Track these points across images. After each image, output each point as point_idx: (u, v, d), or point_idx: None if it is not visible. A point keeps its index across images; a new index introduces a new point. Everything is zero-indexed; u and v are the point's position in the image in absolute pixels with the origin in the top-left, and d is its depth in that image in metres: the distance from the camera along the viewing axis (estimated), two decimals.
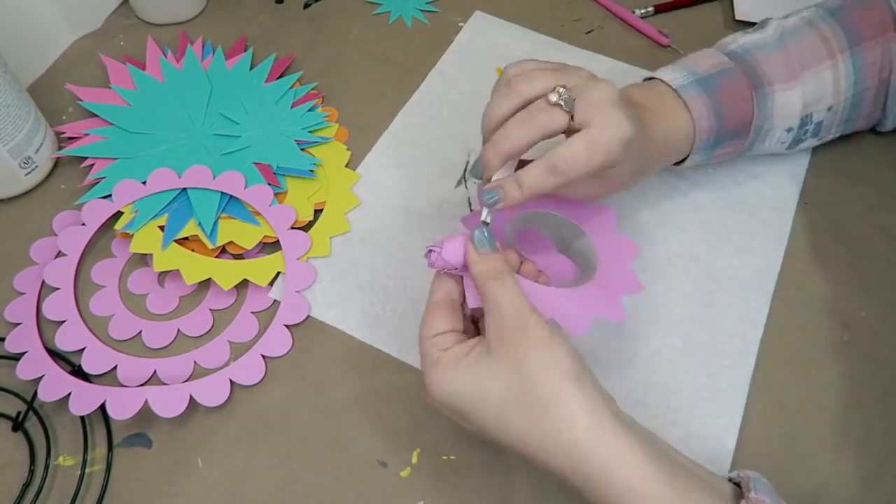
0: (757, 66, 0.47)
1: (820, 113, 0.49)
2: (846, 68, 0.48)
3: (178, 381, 0.44)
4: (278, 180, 0.53)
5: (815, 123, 0.50)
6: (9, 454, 0.43)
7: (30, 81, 0.59)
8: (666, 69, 0.48)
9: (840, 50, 0.48)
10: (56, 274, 0.48)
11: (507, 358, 0.34)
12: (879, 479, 0.42)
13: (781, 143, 0.50)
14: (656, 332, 0.47)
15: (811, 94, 0.48)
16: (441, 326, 0.37)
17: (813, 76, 0.48)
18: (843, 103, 0.49)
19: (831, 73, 0.48)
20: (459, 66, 0.60)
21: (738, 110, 0.47)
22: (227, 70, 0.59)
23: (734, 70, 0.47)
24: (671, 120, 0.46)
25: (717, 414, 0.44)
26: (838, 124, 0.51)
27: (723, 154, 0.49)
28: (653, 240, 0.51)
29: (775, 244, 0.51)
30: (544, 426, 0.33)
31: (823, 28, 0.48)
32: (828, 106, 0.49)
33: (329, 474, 0.42)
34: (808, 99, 0.48)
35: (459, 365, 0.35)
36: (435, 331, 0.37)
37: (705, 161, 0.49)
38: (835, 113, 0.50)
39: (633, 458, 0.32)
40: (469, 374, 0.35)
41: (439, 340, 0.37)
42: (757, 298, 0.49)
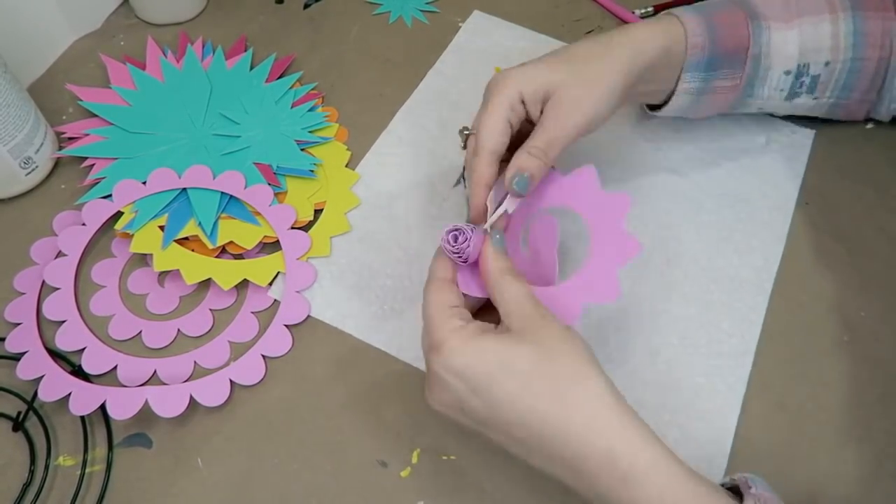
0: (753, 4, 0.48)
1: (817, 66, 0.49)
2: (846, 27, 0.48)
3: (178, 381, 0.44)
4: (278, 180, 0.53)
5: (811, 76, 0.49)
6: (9, 454, 0.43)
7: (30, 81, 0.59)
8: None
9: (842, 8, 0.48)
10: (56, 274, 0.48)
11: (530, 338, 0.34)
12: (879, 479, 0.42)
13: (780, 90, 0.49)
14: (654, 332, 0.47)
15: (808, 40, 0.48)
16: (455, 300, 0.37)
17: (811, 24, 0.48)
18: (841, 64, 0.49)
19: (830, 26, 0.48)
20: (459, 66, 0.60)
21: (732, 33, 0.47)
22: (227, 70, 0.59)
23: (729, 2, 0.48)
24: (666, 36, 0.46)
25: (713, 416, 0.44)
26: (834, 88, 0.50)
27: (720, 87, 0.48)
28: (652, 239, 0.51)
29: (774, 243, 0.51)
30: (570, 400, 0.33)
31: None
32: (825, 60, 0.49)
33: (329, 474, 0.42)
34: (804, 45, 0.48)
35: (485, 335, 0.34)
36: (452, 302, 0.37)
37: (700, 91, 0.48)
38: (832, 71, 0.49)
39: (654, 438, 0.33)
40: (496, 345, 0.34)
41: (459, 311, 0.36)
42: (755, 298, 0.49)
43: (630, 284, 0.49)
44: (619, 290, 0.38)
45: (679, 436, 0.44)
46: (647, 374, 0.46)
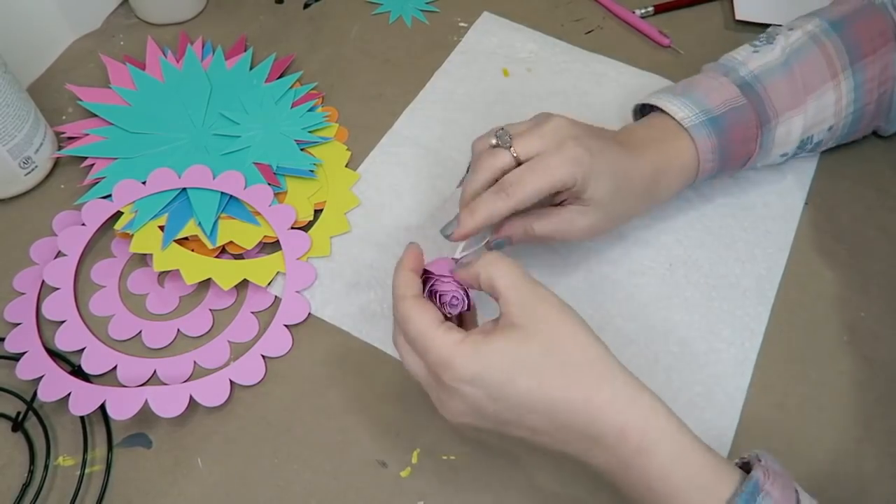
0: (766, 99, 0.47)
1: (821, 133, 0.50)
2: (847, 86, 0.48)
3: (178, 381, 0.44)
4: (278, 180, 0.53)
5: (814, 143, 0.51)
6: (9, 454, 0.43)
7: (30, 81, 0.59)
8: (673, 98, 0.47)
9: (842, 68, 0.48)
10: (56, 274, 0.48)
11: (536, 328, 0.34)
12: (879, 479, 0.42)
13: (774, 162, 0.51)
14: (654, 338, 0.47)
15: (813, 117, 0.48)
16: (440, 315, 0.37)
17: (815, 100, 0.48)
18: (843, 121, 0.50)
19: (833, 93, 0.48)
20: (466, 66, 0.61)
21: (742, 150, 0.48)
22: (227, 70, 0.59)
23: (745, 108, 0.47)
24: (672, 151, 0.46)
25: (710, 425, 0.44)
26: (836, 139, 0.52)
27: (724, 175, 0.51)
28: (654, 245, 0.51)
29: (778, 253, 0.51)
30: (582, 385, 0.34)
31: (827, 44, 0.48)
32: (829, 126, 0.50)
33: (329, 474, 0.42)
34: (809, 123, 0.48)
35: (491, 337, 0.34)
36: (438, 318, 0.36)
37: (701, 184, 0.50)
38: (835, 131, 0.50)
39: (662, 408, 0.34)
40: (504, 344, 0.34)
41: (449, 325, 0.36)
42: (756, 307, 0.48)
43: (631, 289, 0.49)
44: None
45: None
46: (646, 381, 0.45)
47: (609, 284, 0.49)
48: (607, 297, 0.49)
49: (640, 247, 0.51)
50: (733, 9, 0.64)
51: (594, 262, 0.50)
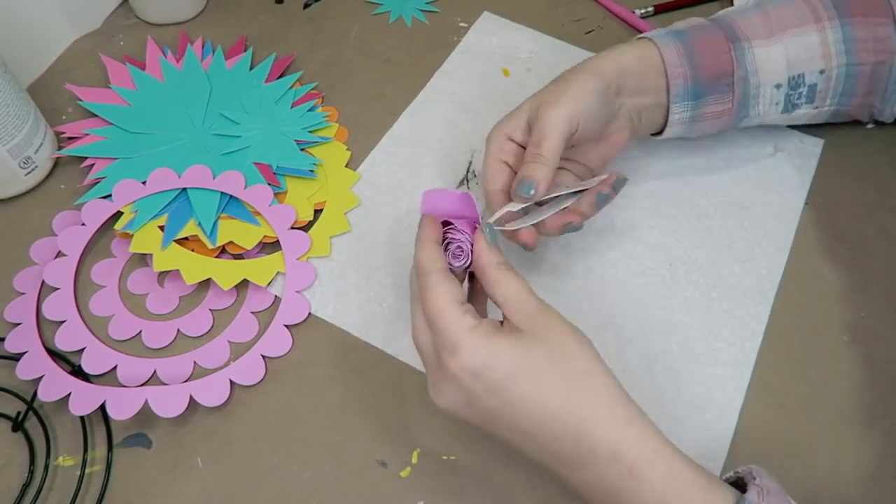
0: (734, 25, 0.48)
1: (812, 75, 0.49)
2: (834, 35, 0.48)
3: (178, 382, 0.44)
4: (278, 180, 0.53)
5: (808, 86, 0.49)
6: (9, 454, 0.43)
7: (30, 81, 0.59)
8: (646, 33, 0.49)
9: (828, 17, 0.48)
10: (56, 274, 0.48)
11: (541, 336, 0.34)
12: (879, 479, 0.42)
13: (776, 104, 0.50)
14: (654, 338, 0.47)
15: (795, 52, 0.48)
16: (461, 295, 0.36)
17: (796, 36, 0.48)
18: (836, 70, 0.49)
19: (817, 36, 0.48)
20: (466, 67, 0.60)
21: (713, 59, 0.47)
22: (227, 70, 0.59)
23: (711, 27, 0.48)
24: (635, 49, 0.47)
25: (710, 426, 0.44)
26: (834, 95, 0.50)
27: (711, 112, 0.49)
28: (654, 245, 0.51)
29: (778, 253, 0.51)
30: (581, 399, 0.33)
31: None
32: (819, 69, 0.49)
33: (329, 474, 0.42)
34: (792, 57, 0.48)
35: (499, 334, 0.34)
36: (459, 297, 0.35)
37: (691, 119, 0.49)
38: (829, 78, 0.49)
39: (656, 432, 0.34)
40: (513, 343, 0.34)
41: (469, 308, 0.35)
42: (756, 307, 0.48)
43: (631, 290, 0.49)
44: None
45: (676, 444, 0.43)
46: (646, 381, 0.46)
47: (609, 285, 0.49)
48: (607, 297, 0.49)
49: (640, 247, 0.51)
50: None
51: (594, 263, 0.50)
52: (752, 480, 0.33)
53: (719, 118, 0.49)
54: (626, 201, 0.52)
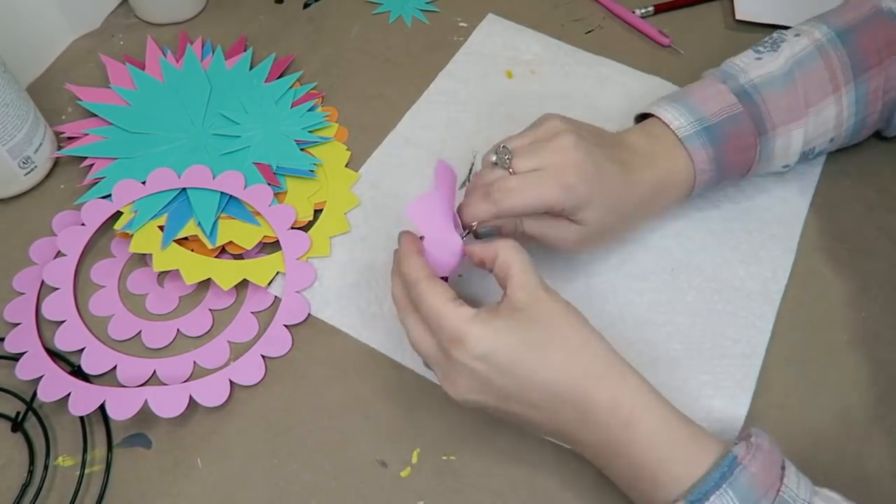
0: (763, 111, 0.46)
1: (822, 145, 0.50)
2: (849, 100, 0.48)
3: (177, 382, 0.44)
4: (278, 180, 0.53)
5: (816, 153, 0.50)
6: (8, 454, 0.43)
7: (29, 81, 0.59)
8: (669, 106, 0.47)
9: (845, 82, 0.48)
10: (55, 274, 0.48)
11: (537, 311, 0.37)
12: (879, 478, 0.42)
13: (783, 166, 0.50)
14: (658, 340, 0.47)
15: (813, 130, 0.48)
16: (452, 293, 0.38)
17: (815, 114, 0.48)
18: (844, 132, 0.50)
19: (834, 107, 0.48)
20: (470, 68, 0.60)
21: (740, 159, 0.47)
22: (227, 70, 0.59)
23: (741, 116, 0.46)
24: (669, 166, 0.45)
25: (718, 415, 0.44)
26: (837, 146, 0.52)
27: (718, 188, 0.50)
28: (656, 249, 0.51)
29: (783, 256, 0.50)
30: (580, 363, 0.37)
31: (832, 56, 0.47)
32: (830, 138, 0.49)
33: (329, 474, 0.42)
34: (809, 136, 0.48)
35: (498, 317, 0.36)
36: (451, 295, 0.37)
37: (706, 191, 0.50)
38: (836, 142, 0.50)
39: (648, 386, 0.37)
40: (512, 323, 0.36)
41: (462, 301, 0.37)
42: (762, 307, 0.48)
43: (633, 294, 0.49)
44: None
45: None
46: (650, 376, 0.45)
47: (611, 289, 0.49)
48: (609, 301, 0.49)
49: (642, 251, 0.51)
50: (733, 9, 0.64)
51: (596, 267, 0.50)
52: (747, 438, 0.36)
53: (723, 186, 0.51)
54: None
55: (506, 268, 0.38)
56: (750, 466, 0.34)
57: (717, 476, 0.34)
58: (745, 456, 0.34)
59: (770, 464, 0.35)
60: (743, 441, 0.36)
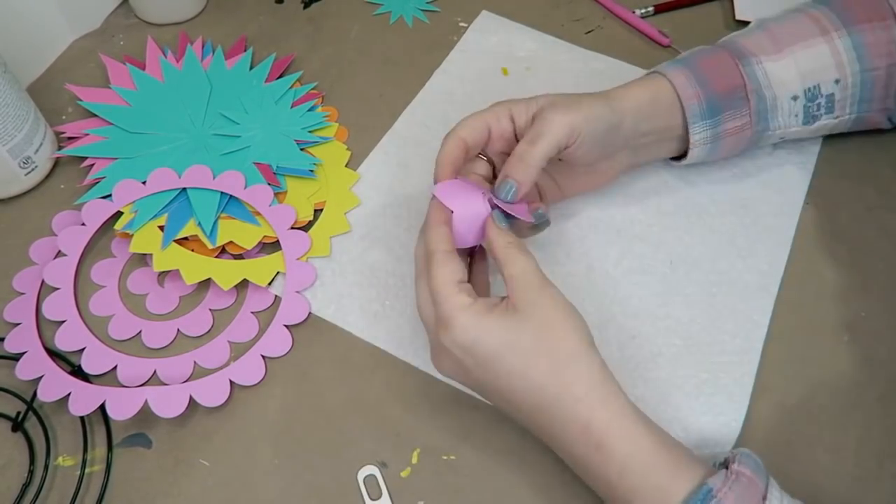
0: (738, 45, 0.49)
1: (828, 85, 0.49)
2: (844, 44, 0.48)
3: (178, 382, 0.44)
4: (278, 180, 0.53)
5: (825, 96, 0.49)
6: (8, 454, 0.43)
7: (29, 81, 0.59)
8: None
9: (834, 28, 0.48)
10: (56, 274, 0.48)
11: (534, 316, 0.37)
12: (879, 479, 0.42)
13: (795, 115, 0.49)
14: (657, 334, 0.47)
15: (806, 63, 0.48)
16: (461, 274, 0.38)
17: (804, 49, 0.48)
18: (851, 78, 0.49)
19: (827, 46, 0.48)
20: (465, 66, 0.60)
21: (723, 76, 0.47)
22: (227, 70, 0.59)
23: (712, 49, 0.49)
24: (649, 87, 0.47)
25: (718, 411, 0.44)
26: (853, 102, 0.50)
27: (731, 128, 0.48)
28: (655, 243, 0.51)
29: (779, 248, 0.51)
30: (564, 377, 0.36)
31: (813, 11, 0.49)
32: (835, 78, 0.49)
33: (329, 474, 0.42)
34: (804, 68, 0.48)
35: (492, 313, 0.37)
36: (458, 277, 0.38)
37: (712, 137, 0.48)
38: (845, 87, 0.49)
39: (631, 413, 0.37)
40: (502, 323, 0.37)
41: (466, 287, 0.38)
42: (759, 301, 0.48)
43: (632, 287, 0.49)
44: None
45: (681, 431, 0.43)
46: (650, 372, 0.46)
47: (610, 282, 0.49)
48: (608, 294, 0.49)
49: (641, 244, 0.51)
50: (733, 9, 0.64)
51: (595, 261, 0.50)
52: (732, 464, 0.35)
53: (740, 133, 0.49)
54: (625, 199, 0.52)
55: (510, 267, 0.38)
56: (725, 500, 0.33)
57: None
58: (721, 488, 0.34)
59: (749, 495, 0.34)
60: (723, 469, 0.35)
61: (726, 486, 0.34)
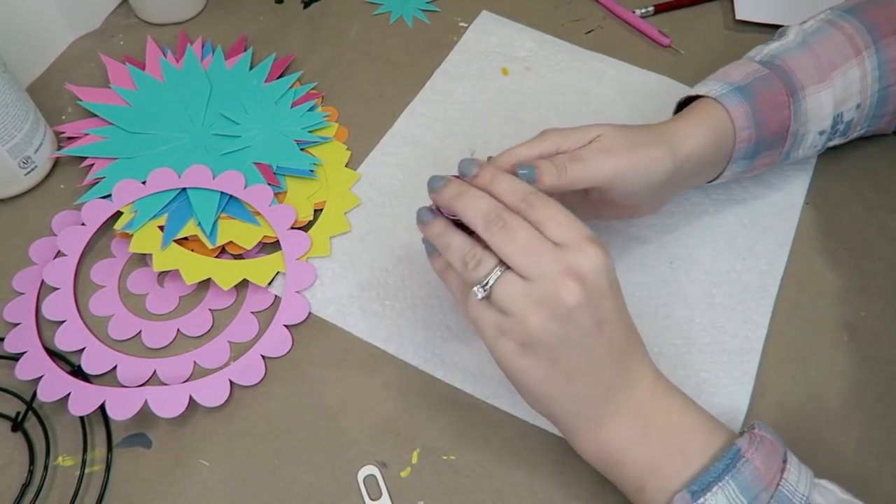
0: (789, 71, 0.47)
1: (850, 112, 0.49)
2: (871, 63, 0.48)
3: (177, 382, 0.44)
4: (278, 180, 0.53)
5: (845, 123, 0.49)
6: (8, 454, 0.43)
7: (29, 81, 0.59)
8: (701, 84, 0.48)
9: (865, 46, 0.48)
10: (55, 274, 0.48)
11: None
12: (879, 479, 0.42)
13: (814, 146, 0.50)
14: (656, 334, 0.47)
15: (841, 93, 0.48)
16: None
17: (841, 75, 0.48)
18: (869, 99, 0.49)
19: (858, 70, 0.48)
20: (465, 66, 0.61)
21: (776, 116, 0.46)
22: (227, 70, 0.59)
23: (769, 76, 0.46)
24: (712, 126, 0.45)
25: (718, 411, 0.44)
26: (864, 121, 0.51)
27: (760, 165, 0.48)
28: (655, 243, 0.51)
29: (779, 249, 0.51)
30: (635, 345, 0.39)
31: (845, 25, 0.48)
32: (857, 104, 0.49)
33: (329, 475, 0.42)
34: (838, 98, 0.48)
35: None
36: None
37: (741, 174, 0.48)
38: (863, 109, 0.49)
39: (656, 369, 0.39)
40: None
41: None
42: (759, 301, 0.48)
43: (631, 287, 0.49)
44: None
45: None
46: None
47: None
48: None
49: (641, 245, 0.51)
50: (733, 9, 0.64)
51: None
52: (751, 429, 0.37)
53: (764, 167, 0.49)
54: None
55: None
56: (753, 459, 0.34)
57: (720, 467, 0.34)
58: (748, 449, 0.35)
59: (772, 456, 0.35)
60: (747, 433, 0.36)
61: (752, 447, 0.35)
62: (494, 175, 0.37)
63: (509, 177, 0.37)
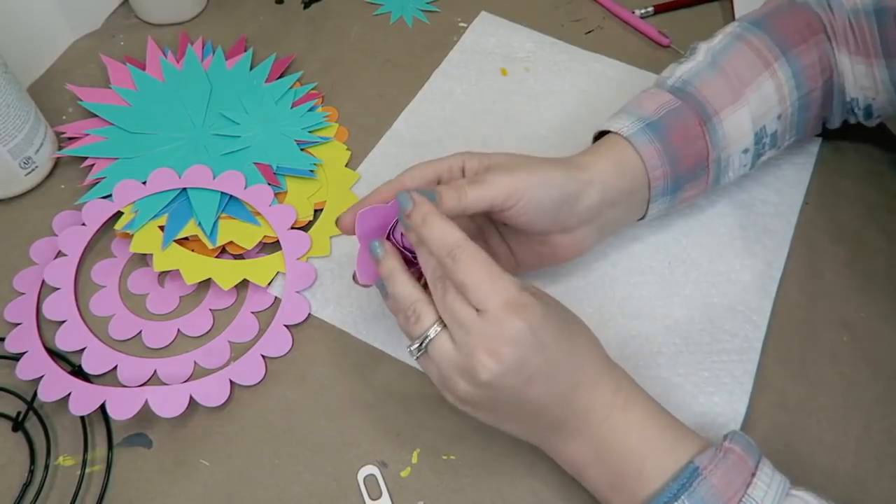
0: (701, 99, 0.46)
1: (772, 123, 0.48)
2: (785, 74, 0.47)
3: (178, 382, 0.44)
4: (278, 180, 0.53)
5: (770, 135, 0.48)
6: (9, 454, 0.43)
7: (30, 81, 0.59)
8: (614, 117, 0.47)
9: (774, 58, 0.47)
10: (56, 274, 0.48)
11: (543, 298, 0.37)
12: (879, 479, 0.42)
13: (743, 165, 0.49)
14: (656, 334, 0.47)
15: (758, 108, 0.47)
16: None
17: (755, 90, 0.47)
18: (790, 108, 0.48)
19: (772, 81, 0.47)
20: (464, 66, 0.61)
21: (691, 149, 0.46)
22: (227, 70, 0.59)
23: (681, 109, 0.46)
24: (617, 161, 0.44)
25: (718, 410, 0.44)
26: (790, 129, 0.50)
27: (689, 197, 0.48)
28: (653, 244, 0.51)
29: (778, 249, 0.51)
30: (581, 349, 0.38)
31: (752, 39, 0.48)
32: (777, 114, 0.48)
33: (329, 475, 0.42)
34: (756, 114, 0.47)
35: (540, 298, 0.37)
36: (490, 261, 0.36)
37: (670, 208, 0.48)
38: (785, 119, 0.49)
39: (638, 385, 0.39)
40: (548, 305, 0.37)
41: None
42: (758, 301, 0.48)
43: (630, 288, 0.49)
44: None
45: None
46: (650, 371, 0.46)
47: (609, 283, 0.49)
48: (607, 296, 0.49)
49: (639, 245, 0.51)
50: (733, 9, 0.64)
51: (593, 262, 0.50)
52: (723, 442, 0.36)
53: (694, 197, 0.49)
54: None
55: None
56: (711, 477, 0.34)
57: (674, 488, 0.34)
58: (707, 465, 0.35)
59: (737, 470, 0.35)
60: (713, 447, 0.36)
61: (713, 462, 0.35)
62: (425, 219, 0.36)
63: (440, 224, 0.36)
